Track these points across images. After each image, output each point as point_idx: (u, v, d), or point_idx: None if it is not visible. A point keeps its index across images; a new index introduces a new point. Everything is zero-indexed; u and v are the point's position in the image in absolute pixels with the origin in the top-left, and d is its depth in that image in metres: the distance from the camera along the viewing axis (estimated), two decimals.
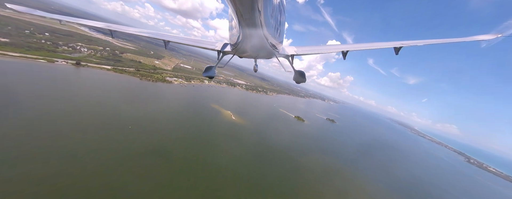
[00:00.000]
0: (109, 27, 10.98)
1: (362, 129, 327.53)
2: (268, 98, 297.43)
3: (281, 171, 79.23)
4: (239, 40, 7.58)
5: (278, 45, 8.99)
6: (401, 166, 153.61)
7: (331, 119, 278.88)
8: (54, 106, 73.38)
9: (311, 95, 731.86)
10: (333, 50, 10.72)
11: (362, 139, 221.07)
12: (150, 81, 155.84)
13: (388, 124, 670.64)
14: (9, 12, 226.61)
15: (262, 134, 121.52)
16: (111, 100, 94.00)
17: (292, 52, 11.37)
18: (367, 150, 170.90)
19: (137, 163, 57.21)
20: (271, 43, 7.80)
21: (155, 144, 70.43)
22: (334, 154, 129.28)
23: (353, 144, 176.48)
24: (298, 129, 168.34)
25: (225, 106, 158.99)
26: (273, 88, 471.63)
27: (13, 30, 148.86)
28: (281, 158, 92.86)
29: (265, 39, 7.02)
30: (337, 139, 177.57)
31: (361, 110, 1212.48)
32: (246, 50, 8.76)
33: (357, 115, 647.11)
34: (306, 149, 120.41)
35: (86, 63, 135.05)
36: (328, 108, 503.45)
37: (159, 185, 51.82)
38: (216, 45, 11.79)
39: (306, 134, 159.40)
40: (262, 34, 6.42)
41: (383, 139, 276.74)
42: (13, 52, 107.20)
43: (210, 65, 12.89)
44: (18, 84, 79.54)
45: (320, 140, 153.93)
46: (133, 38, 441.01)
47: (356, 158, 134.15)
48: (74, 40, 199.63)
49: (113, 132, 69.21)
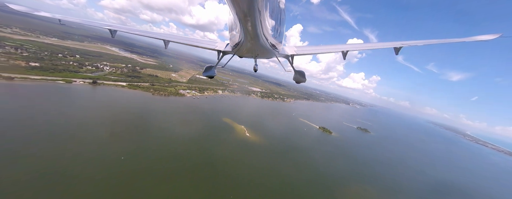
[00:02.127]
0: (109, 28, 10.90)
1: (405, 139, 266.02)
2: (286, 106, 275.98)
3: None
4: (239, 40, 7.59)
5: (278, 45, 8.95)
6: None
7: (363, 128, 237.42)
8: (36, 127, 68.26)
9: (333, 99, 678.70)
10: (333, 51, 10.58)
11: (412, 155, 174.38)
12: (162, 96, 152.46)
13: (433, 130, 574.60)
14: (53, 40, 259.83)
15: (282, 156, 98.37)
16: (107, 124, 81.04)
17: (292, 52, 11.35)
18: (430, 175, 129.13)
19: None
20: (271, 43, 7.73)
21: (145, 180, 58.58)
22: (384, 184, 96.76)
23: (405, 165, 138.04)
24: (326, 144, 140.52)
25: (238, 118, 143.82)
26: (290, 94, 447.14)
27: (48, 55, 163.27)
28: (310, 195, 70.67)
29: (265, 39, 6.90)
30: (379, 158, 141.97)
31: (394, 113, 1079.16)
32: (246, 50, 8.86)
33: (392, 120, 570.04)
34: (343, 178, 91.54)
35: (102, 82, 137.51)
36: (355, 113, 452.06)
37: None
38: (216, 45, 11.85)
39: (338, 152, 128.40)
40: (262, 34, 6.32)
41: (441, 154, 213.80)
42: (35, 76, 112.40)
43: (210, 65, 12.80)
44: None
45: (358, 161, 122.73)
46: (157, 54, 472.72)
47: (423, 191, 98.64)
48: (101, 59, 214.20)
49: (96, 169, 57.78)
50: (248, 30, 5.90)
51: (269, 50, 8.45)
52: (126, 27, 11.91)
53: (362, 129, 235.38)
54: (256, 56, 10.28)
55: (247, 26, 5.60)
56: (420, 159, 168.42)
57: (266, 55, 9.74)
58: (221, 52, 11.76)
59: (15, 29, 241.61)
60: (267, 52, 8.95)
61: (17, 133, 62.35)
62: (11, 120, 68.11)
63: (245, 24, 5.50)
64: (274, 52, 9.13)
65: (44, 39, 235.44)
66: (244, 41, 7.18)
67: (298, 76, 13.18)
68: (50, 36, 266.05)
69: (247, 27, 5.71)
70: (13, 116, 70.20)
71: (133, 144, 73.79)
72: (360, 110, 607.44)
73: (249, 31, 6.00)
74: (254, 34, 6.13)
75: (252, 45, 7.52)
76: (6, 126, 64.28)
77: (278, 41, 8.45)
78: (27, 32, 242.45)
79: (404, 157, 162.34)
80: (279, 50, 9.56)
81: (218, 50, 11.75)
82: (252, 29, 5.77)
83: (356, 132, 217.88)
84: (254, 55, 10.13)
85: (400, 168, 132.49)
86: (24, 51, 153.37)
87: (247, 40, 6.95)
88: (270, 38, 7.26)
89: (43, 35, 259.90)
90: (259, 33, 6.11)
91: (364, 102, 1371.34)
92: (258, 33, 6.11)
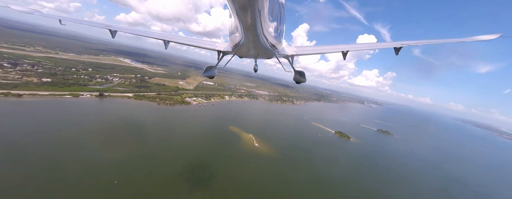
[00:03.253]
0: (109, 28, 10.83)
1: (434, 141, 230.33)
2: (296, 109, 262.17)
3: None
4: (239, 40, 7.57)
5: (278, 45, 8.99)
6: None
7: (385, 130, 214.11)
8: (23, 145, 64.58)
9: (345, 99, 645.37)
10: (333, 51, 10.58)
11: (450, 166, 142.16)
12: (167, 105, 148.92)
13: (462, 128, 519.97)
14: (71, 55, 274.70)
15: (297, 171, 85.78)
16: (96, 145, 72.34)
17: (292, 52, 11.40)
18: (477, 188, 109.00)
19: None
20: (271, 43, 7.74)
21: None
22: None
23: (440, 175, 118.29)
24: (346, 153, 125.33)
25: (246, 126, 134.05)
26: (299, 95, 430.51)
27: (61, 70, 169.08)
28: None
29: (265, 39, 6.93)
30: (408, 166, 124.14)
31: (415, 110, 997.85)
32: (246, 50, 8.95)
33: (413, 118, 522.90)
34: (369, 192, 79.68)
35: (108, 94, 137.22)
36: (372, 113, 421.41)
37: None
38: (216, 45, 11.86)
39: (361, 162, 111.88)
40: (262, 34, 6.36)
41: (491, 161, 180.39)
42: (45, 91, 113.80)
43: (210, 65, 13.01)
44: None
45: (384, 171, 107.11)
46: (167, 63, 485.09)
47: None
48: (113, 71, 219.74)
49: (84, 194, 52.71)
50: (248, 30, 5.98)
51: (269, 50, 8.54)
52: (126, 27, 11.98)
53: (383, 131, 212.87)
54: (256, 56, 10.48)
55: (247, 26, 5.65)
56: (469, 171, 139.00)
57: (266, 55, 9.95)
58: (221, 52, 11.85)
59: (37, 47, 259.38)
60: (267, 52, 9.09)
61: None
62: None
63: (245, 24, 5.53)
64: (274, 52, 9.28)
65: (62, 55, 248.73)
66: (244, 42, 7.21)
67: (298, 76, 13.48)
68: (68, 52, 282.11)
69: (247, 28, 5.77)
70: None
71: (127, 163, 67.42)
72: (376, 109, 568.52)
73: (249, 31, 6.09)
74: (254, 34, 6.22)
75: (252, 45, 7.58)
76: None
77: (278, 41, 8.48)
78: (47, 50, 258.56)
79: (436, 164, 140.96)
80: (279, 50, 9.73)
81: (218, 51, 11.81)
82: (252, 29, 5.82)
83: (377, 136, 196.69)
84: (254, 56, 10.35)
85: (428, 173, 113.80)
86: (39, 67, 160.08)
87: (247, 41, 7.04)
88: (270, 38, 7.29)
89: (62, 51, 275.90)
90: (259, 33, 6.17)
91: (379, 100, 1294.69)
92: (258, 33, 6.18)
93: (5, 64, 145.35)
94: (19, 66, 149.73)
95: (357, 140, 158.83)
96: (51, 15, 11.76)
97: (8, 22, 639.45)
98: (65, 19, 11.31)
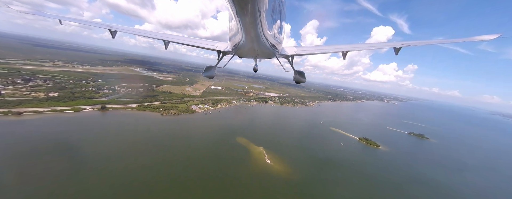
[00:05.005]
0: (109, 28, 10.80)
1: (480, 142, 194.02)
2: (310, 112, 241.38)
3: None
4: (239, 41, 7.58)
5: (278, 45, 8.99)
6: None
7: (418, 133, 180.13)
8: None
9: (362, 96, 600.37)
10: (333, 51, 10.59)
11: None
12: (171, 115, 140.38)
13: (504, 123, 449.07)
14: (86, 68, 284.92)
15: (321, 197, 69.39)
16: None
17: (292, 53, 11.48)
18: None
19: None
20: (271, 44, 7.74)
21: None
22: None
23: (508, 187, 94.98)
24: (377, 167, 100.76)
25: (255, 136, 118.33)
26: (311, 95, 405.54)
27: (71, 83, 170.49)
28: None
29: (265, 40, 6.93)
30: (461, 180, 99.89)
31: (443, 106, 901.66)
32: (246, 51, 8.90)
33: (445, 115, 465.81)
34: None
35: (111, 106, 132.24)
36: (396, 111, 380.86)
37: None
38: (216, 46, 11.84)
39: (399, 180, 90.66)
40: (262, 34, 6.36)
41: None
42: (47, 107, 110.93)
43: (210, 65, 12.99)
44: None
45: (434, 189, 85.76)
46: (177, 69, 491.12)
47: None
48: (123, 81, 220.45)
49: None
50: (248, 30, 5.96)
51: (269, 51, 8.53)
52: (126, 27, 11.94)
53: (416, 134, 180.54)
54: (256, 56, 10.45)
55: (247, 26, 5.65)
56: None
57: (266, 55, 10.00)
58: (221, 52, 11.82)
59: (56, 62, 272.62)
60: (267, 53, 9.07)
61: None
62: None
63: (245, 24, 5.52)
64: (274, 52, 9.29)
65: (78, 68, 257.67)
66: (244, 42, 7.20)
67: (298, 76, 13.41)
68: (84, 65, 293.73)
69: (247, 28, 5.76)
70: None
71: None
72: (399, 106, 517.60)
73: (249, 32, 6.08)
74: (254, 34, 6.21)
75: (252, 45, 7.57)
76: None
77: (278, 42, 8.46)
78: (65, 64, 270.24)
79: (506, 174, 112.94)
80: (279, 50, 9.77)
81: (218, 51, 11.81)
82: (252, 30, 5.83)
83: (411, 140, 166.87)
84: (254, 56, 10.31)
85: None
86: (51, 82, 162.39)
87: (247, 41, 7.03)
88: (270, 39, 7.28)
89: (79, 64, 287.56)
90: (259, 33, 6.16)
91: (400, 95, 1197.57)
92: (258, 34, 6.17)
93: (18, 81, 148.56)
94: (31, 82, 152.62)
95: (388, 148, 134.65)
96: (51, 15, 11.58)
97: (39, 41, 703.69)
98: (65, 19, 11.15)
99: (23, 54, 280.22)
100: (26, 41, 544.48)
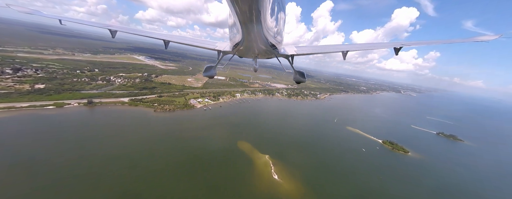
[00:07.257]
0: (109, 28, 10.77)
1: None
2: (322, 106, 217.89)
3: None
4: (239, 40, 7.54)
5: (278, 45, 8.97)
6: None
7: (449, 134, 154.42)
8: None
9: (376, 87, 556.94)
10: (333, 50, 10.52)
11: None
12: (166, 111, 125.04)
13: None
14: (86, 56, 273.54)
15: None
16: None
17: (292, 52, 11.38)
18: None
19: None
20: (271, 43, 7.72)
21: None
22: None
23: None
24: (413, 184, 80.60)
25: (260, 141, 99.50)
26: (321, 86, 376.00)
27: (64, 73, 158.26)
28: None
29: (265, 39, 6.96)
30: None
31: (467, 98, 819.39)
32: (246, 50, 8.97)
33: (472, 109, 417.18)
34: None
35: (99, 101, 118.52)
36: (417, 106, 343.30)
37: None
38: (216, 45, 11.93)
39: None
40: (262, 34, 6.36)
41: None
42: (26, 102, 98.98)
43: (210, 65, 12.75)
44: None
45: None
46: (181, 57, 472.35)
47: None
48: (122, 71, 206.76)
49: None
50: (248, 30, 5.93)
51: (269, 50, 8.57)
52: (126, 27, 11.91)
53: (446, 135, 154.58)
54: (256, 56, 10.50)
55: (247, 26, 5.63)
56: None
57: (266, 55, 10.06)
58: (221, 52, 11.73)
59: (57, 49, 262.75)
60: (267, 52, 9.10)
61: None
62: None
63: (245, 24, 5.50)
64: (274, 52, 9.30)
65: (78, 57, 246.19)
66: (244, 41, 7.20)
67: (298, 76, 13.37)
68: (85, 53, 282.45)
69: (247, 27, 5.73)
70: None
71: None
72: (419, 99, 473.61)
73: (249, 31, 6.04)
74: (254, 34, 6.20)
75: (252, 45, 7.60)
76: None
77: (278, 41, 8.45)
78: (65, 51, 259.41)
79: None
80: (279, 50, 9.74)
81: (218, 50, 11.73)
82: (252, 29, 5.81)
83: (442, 144, 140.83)
84: (254, 55, 10.38)
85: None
86: (42, 72, 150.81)
87: (247, 40, 7.04)
88: (270, 38, 7.27)
89: (80, 52, 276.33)
90: (259, 33, 6.18)
91: (417, 86, 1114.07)
92: (258, 34, 6.17)
93: (7, 70, 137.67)
94: (21, 72, 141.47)
95: (419, 154, 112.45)
96: (51, 15, 11.60)
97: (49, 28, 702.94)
98: (65, 19, 11.23)
99: (25, 42, 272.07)
100: (34, 29, 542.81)
